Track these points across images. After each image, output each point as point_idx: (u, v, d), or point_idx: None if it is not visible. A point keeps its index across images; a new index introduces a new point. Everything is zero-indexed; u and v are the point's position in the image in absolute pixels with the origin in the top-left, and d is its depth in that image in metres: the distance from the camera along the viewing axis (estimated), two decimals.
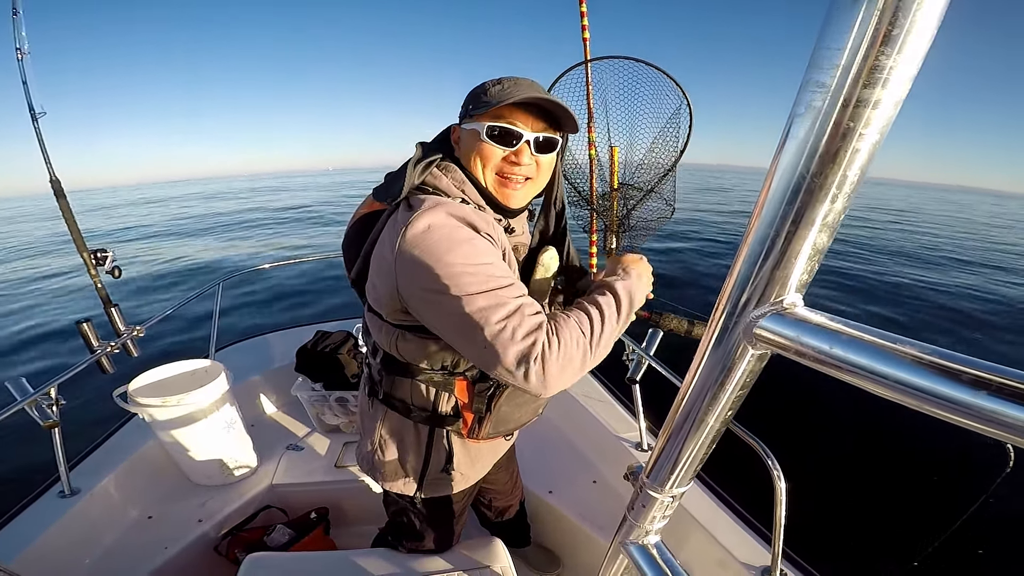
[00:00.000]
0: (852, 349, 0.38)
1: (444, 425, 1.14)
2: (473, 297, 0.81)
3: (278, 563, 1.40)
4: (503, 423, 1.14)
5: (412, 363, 1.06)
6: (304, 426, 2.48)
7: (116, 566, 1.62)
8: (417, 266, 0.85)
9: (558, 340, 0.83)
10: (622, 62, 2.06)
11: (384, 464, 1.21)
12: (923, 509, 3.47)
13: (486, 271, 0.84)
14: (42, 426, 1.56)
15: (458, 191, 0.97)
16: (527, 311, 0.84)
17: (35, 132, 1.77)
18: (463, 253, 0.84)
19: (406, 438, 1.17)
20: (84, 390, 2.79)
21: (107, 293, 1.99)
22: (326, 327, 2.72)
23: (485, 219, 0.92)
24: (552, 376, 0.81)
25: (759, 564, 1.43)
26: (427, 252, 0.84)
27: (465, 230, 0.87)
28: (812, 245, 0.40)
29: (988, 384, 0.31)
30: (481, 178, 0.98)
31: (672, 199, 2.19)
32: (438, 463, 1.19)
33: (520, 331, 0.81)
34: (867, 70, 0.31)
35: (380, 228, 0.97)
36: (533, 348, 0.80)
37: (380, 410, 1.17)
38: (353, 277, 1.08)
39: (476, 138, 0.95)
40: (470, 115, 0.95)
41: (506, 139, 0.94)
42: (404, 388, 1.11)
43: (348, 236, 1.11)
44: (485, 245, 0.88)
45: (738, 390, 0.51)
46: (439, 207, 0.88)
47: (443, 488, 1.24)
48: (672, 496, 0.65)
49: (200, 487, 2.01)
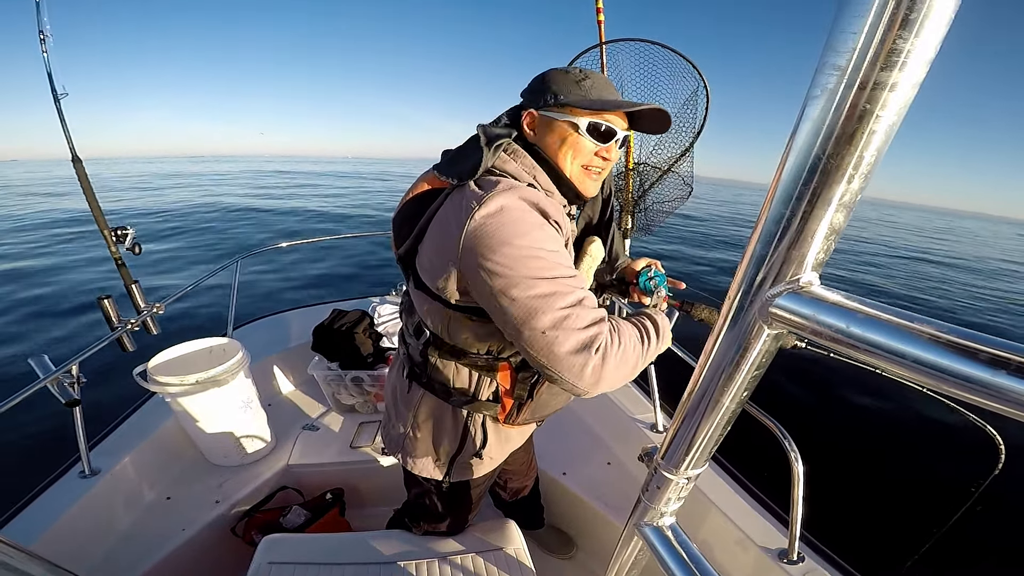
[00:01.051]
0: (869, 328, 0.38)
1: (482, 410, 1.14)
2: (539, 282, 0.82)
3: (294, 544, 1.42)
4: (540, 409, 1.15)
5: (459, 346, 1.06)
6: (320, 405, 2.50)
7: (134, 548, 1.65)
8: (485, 245, 0.84)
9: (619, 339, 0.84)
10: (637, 45, 2.03)
11: (416, 447, 1.21)
12: (938, 494, 3.45)
13: (554, 258, 0.85)
14: (63, 404, 1.56)
15: (528, 176, 0.97)
16: (589, 303, 0.85)
17: (57, 112, 1.79)
18: (534, 237, 0.84)
19: (442, 421, 1.17)
20: (104, 368, 2.83)
21: (128, 270, 2.01)
22: (342, 306, 2.72)
23: (555, 206, 0.91)
24: (608, 371, 0.82)
25: (776, 547, 1.42)
26: (497, 232, 0.83)
27: (536, 215, 0.87)
28: (828, 224, 0.40)
29: (1007, 363, 0.31)
30: (566, 167, 0.99)
31: (689, 180, 2.17)
32: (471, 448, 1.20)
33: (583, 320, 0.82)
34: (884, 53, 0.31)
35: (439, 205, 0.96)
36: (596, 339, 0.81)
37: (417, 393, 1.17)
38: (401, 253, 1.06)
39: (572, 130, 0.96)
40: (560, 104, 0.95)
41: (604, 136, 0.96)
42: (447, 371, 1.10)
43: (403, 211, 1.07)
44: (554, 233, 0.88)
45: (754, 370, 0.52)
46: (512, 190, 0.88)
47: (470, 472, 1.25)
48: (687, 478, 0.66)
49: (217, 467, 2.04)
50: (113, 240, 1.92)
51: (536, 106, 0.98)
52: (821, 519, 1.56)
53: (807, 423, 4.19)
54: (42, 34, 1.77)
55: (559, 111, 0.96)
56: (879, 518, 3.23)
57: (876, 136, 0.35)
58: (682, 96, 1.99)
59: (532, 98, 0.99)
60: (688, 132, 2.04)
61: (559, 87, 0.95)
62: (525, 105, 1.01)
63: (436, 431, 1.19)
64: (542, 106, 0.97)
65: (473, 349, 1.05)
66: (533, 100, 0.99)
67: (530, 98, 0.99)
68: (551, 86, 0.96)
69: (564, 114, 0.95)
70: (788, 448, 1.29)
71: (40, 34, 1.77)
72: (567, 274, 0.85)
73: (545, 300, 0.81)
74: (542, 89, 0.97)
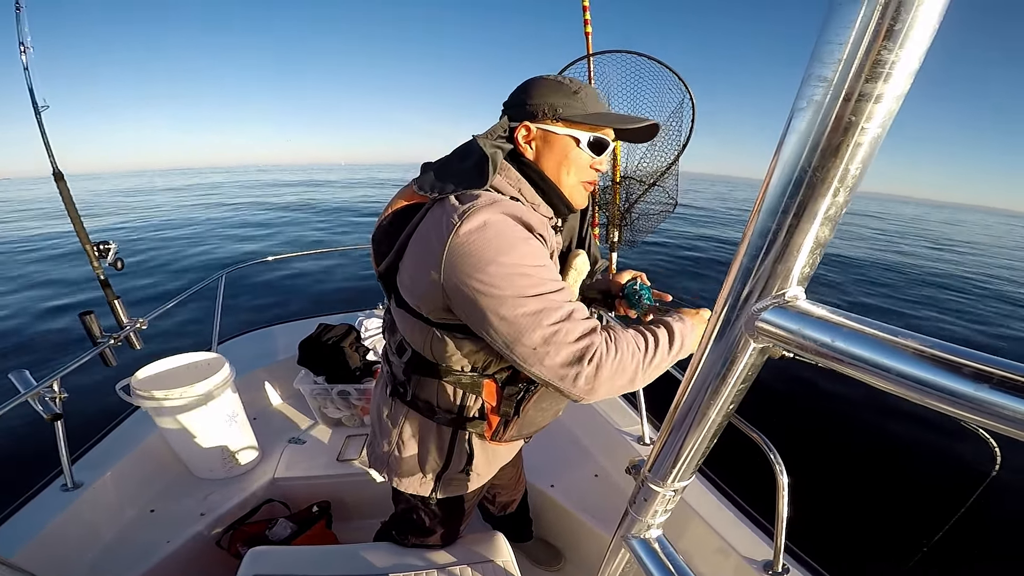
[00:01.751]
0: (854, 342, 0.38)
1: (467, 427, 1.12)
2: (528, 300, 0.81)
3: (280, 557, 1.40)
4: (528, 426, 1.13)
5: (442, 363, 1.03)
6: (306, 419, 2.48)
7: (118, 560, 1.62)
8: (470, 263, 0.82)
9: (615, 348, 0.83)
10: (624, 56, 2.05)
11: (401, 464, 1.20)
12: (923, 505, 3.47)
13: (541, 273, 0.84)
14: (45, 419, 1.54)
15: (513, 189, 0.96)
16: (578, 315, 0.84)
17: (38, 125, 1.76)
18: (520, 253, 0.83)
19: (427, 440, 1.16)
20: (86, 384, 2.79)
21: (110, 285, 1.98)
22: (329, 320, 2.71)
23: (539, 219, 0.90)
24: (603, 381, 0.82)
25: (761, 558, 1.43)
26: (481, 249, 0.81)
27: (521, 230, 0.85)
28: (814, 238, 0.40)
29: (990, 377, 0.31)
30: (565, 181, 0.98)
31: (674, 193, 2.19)
32: (458, 465, 1.18)
33: (574, 333, 0.81)
34: (869, 64, 0.31)
35: (419, 220, 0.92)
36: (588, 350, 0.81)
37: (402, 411, 1.15)
38: (382, 271, 1.03)
39: (572, 144, 0.95)
40: (558, 118, 0.93)
41: (599, 148, 0.97)
42: (431, 389, 1.08)
43: (381, 227, 1.04)
44: (540, 247, 0.87)
45: (740, 384, 0.52)
46: (495, 204, 0.85)
47: (458, 488, 1.23)
48: (674, 490, 0.66)
49: (202, 480, 2.01)
50: (96, 255, 1.89)
51: (532, 119, 0.95)
52: (806, 530, 1.56)
53: (792, 435, 4.22)
54: (22, 45, 1.74)
55: (561, 125, 0.94)
56: (864, 529, 3.26)
57: (861, 148, 0.35)
58: (668, 108, 2.02)
59: (525, 111, 0.95)
60: (673, 145, 2.06)
61: (556, 100, 0.93)
62: (517, 116, 0.97)
63: (421, 449, 1.17)
64: (534, 118, 0.94)
65: (457, 366, 1.03)
66: (527, 113, 0.95)
67: (522, 111, 0.96)
68: (548, 99, 0.93)
69: (563, 127, 0.94)
70: (773, 460, 1.30)
71: (20, 45, 1.74)
72: (554, 288, 0.84)
73: (534, 317, 0.81)
74: (537, 101, 0.94)
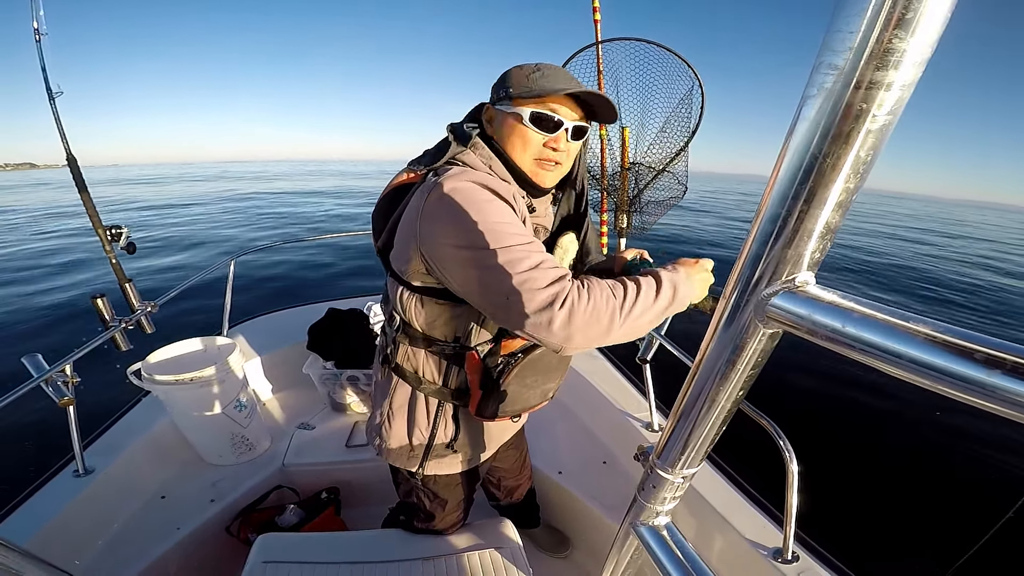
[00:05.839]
0: (864, 327, 0.38)
1: (452, 400, 1.16)
2: (494, 252, 0.85)
3: (289, 543, 1.42)
4: (513, 403, 1.14)
5: (426, 332, 1.09)
6: (315, 405, 2.49)
7: (129, 546, 1.64)
8: (439, 226, 0.90)
9: (588, 294, 0.84)
10: (634, 44, 2.03)
11: (390, 435, 1.23)
12: (934, 498, 3.47)
13: (507, 228, 0.88)
14: (57, 404, 1.55)
15: (484, 166, 1.01)
16: (547, 265, 0.86)
17: (52, 111, 1.78)
18: (483, 211, 0.88)
19: (414, 410, 1.19)
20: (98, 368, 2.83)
21: (122, 269, 2.00)
22: (338, 305, 2.73)
23: (507, 189, 0.95)
24: (577, 327, 0.81)
25: (771, 545, 1.43)
26: (450, 212, 0.88)
27: (486, 192, 0.91)
28: (824, 224, 0.40)
29: (1002, 363, 0.31)
30: (518, 159, 1.03)
31: (684, 179, 2.18)
32: (443, 439, 1.21)
33: (545, 279, 0.83)
34: (880, 52, 0.31)
35: (409, 198, 1.01)
36: (559, 295, 0.82)
37: (391, 380, 1.20)
38: (380, 246, 1.11)
39: (517, 122, 1.00)
40: (510, 98, 0.99)
41: (548, 125, 0.99)
42: (417, 359, 1.13)
43: (379, 206, 1.13)
44: (505, 207, 0.92)
45: (749, 369, 0.52)
46: (463, 173, 0.94)
47: (446, 466, 1.26)
48: (683, 477, 0.66)
49: (212, 466, 2.03)
50: (108, 239, 1.91)
51: (491, 102, 1.05)
52: (816, 518, 1.56)
53: (802, 421, 4.21)
54: (37, 32, 1.75)
55: (506, 103, 1.00)
56: (874, 516, 3.25)
57: (872, 136, 0.35)
58: (677, 95, 2.00)
59: (492, 95, 1.06)
60: (683, 131, 2.04)
61: (511, 82, 1.00)
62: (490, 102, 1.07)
63: (409, 419, 1.21)
64: (495, 101, 1.03)
65: (440, 336, 1.09)
66: (491, 97, 1.05)
67: (491, 96, 1.06)
68: (505, 82, 1.01)
69: (511, 106, 0.99)
70: (783, 447, 1.30)
71: (35, 32, 1.75)
72: (521, 241, 0.87)
73: (502, 269, 0.84)
74: (498, 85, 1.03)
